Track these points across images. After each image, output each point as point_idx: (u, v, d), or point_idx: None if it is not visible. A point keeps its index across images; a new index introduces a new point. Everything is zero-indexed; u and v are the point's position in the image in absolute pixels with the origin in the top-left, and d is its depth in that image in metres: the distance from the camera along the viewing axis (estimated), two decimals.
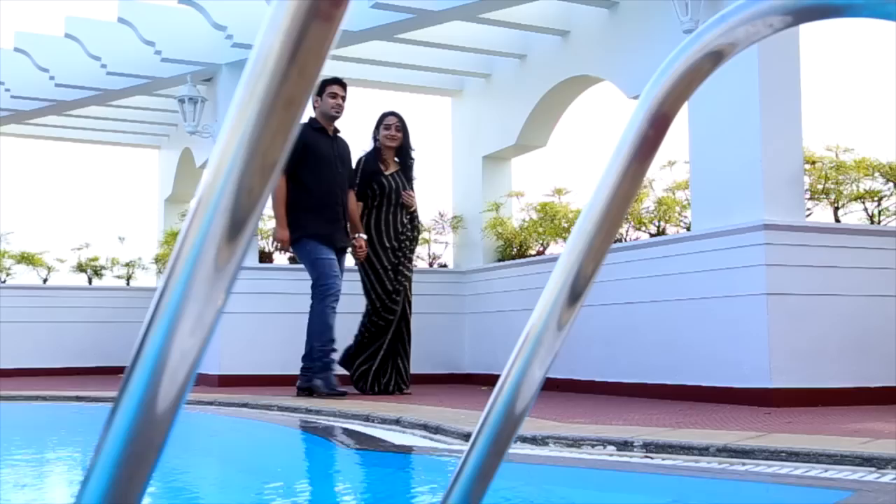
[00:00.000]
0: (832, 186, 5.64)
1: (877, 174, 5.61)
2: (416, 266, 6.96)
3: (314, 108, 6.27)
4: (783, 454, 2.66)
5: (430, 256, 8.62)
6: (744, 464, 2.68)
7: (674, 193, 6.40)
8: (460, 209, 8.64)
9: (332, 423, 4.11)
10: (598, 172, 1.04)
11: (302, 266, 8.04)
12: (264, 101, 0.57)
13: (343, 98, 6.28)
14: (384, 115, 6.64)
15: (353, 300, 6.66)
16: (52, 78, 8.49)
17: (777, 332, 5.00)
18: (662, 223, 6.49)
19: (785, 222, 5.13)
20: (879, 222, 5.71)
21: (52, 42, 8.36)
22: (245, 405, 5.23)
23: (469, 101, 8.68)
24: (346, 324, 6.44)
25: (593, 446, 3.00)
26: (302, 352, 7.69)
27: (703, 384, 5.36)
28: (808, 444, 2.72)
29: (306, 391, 5.86)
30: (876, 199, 5.68)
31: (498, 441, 1.09)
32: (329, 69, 8.24)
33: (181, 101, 7.91)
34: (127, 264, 10.89)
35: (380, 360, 6.36)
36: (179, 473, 2.95)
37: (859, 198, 5.68)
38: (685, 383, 5.51)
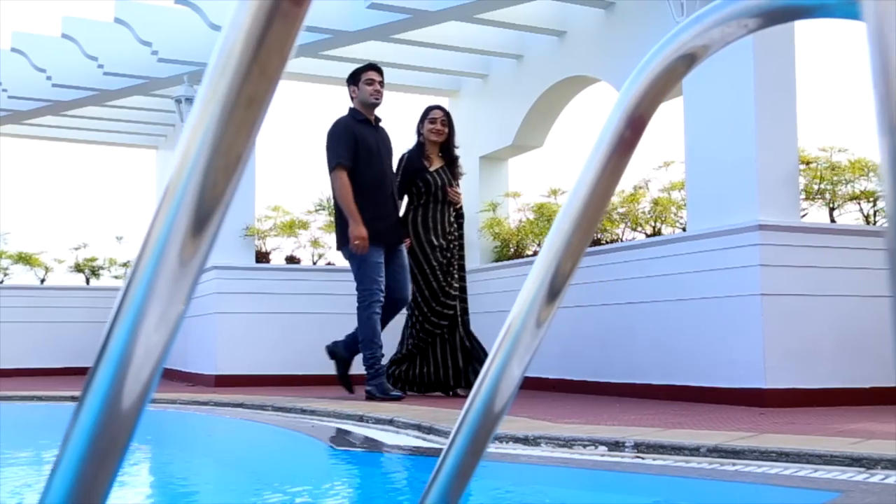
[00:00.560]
0: (827, 187, 5.65)
1: (871, 174, 5.61)
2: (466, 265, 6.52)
3: (352, 98, 6.00)
4: (773, 454, 2.67)
5: None
6: (734, 464, 2.68)
7: (669, 194, 6.40)
8: None
9: (325, 424, 4.11)
10: (577, 172, 1.05)
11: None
12: (226, 100, 0.58)
13: (381, 83, 5.99)
14: (429, 109, 6.39)
15: None
16: (48, 78, 8.49)
17: (772, 332, 5.00)
18: (659, 224, 6.50)
19: (780, 223, 5.13)
20: (875, 223, 5.72)
21: (49, 42, 8.37)
22: (240, 405, 5.23)
23: (466, 102, 8.68)
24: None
25: (585, 446, 3.00)
26: (298, 352, 7.75)
27: (698, 384, 5.37)
28: (799, 445, 2.72)
29: (370, 395, 5.65)
30: (871, 199, 5.68)
31: (476, 440, 1.10)
32: (326, 69, 8.25)
33: (178, 101, 7.91)
34: (124, 264, 10.89)
35: (433, 363, 6.10)
36: (167, 468, 2.95)
37: (855, 198, 5.68)
38: (680, 384, 5.52)
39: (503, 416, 1.08)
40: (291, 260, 8.14)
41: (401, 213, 6.17)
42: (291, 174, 12.12)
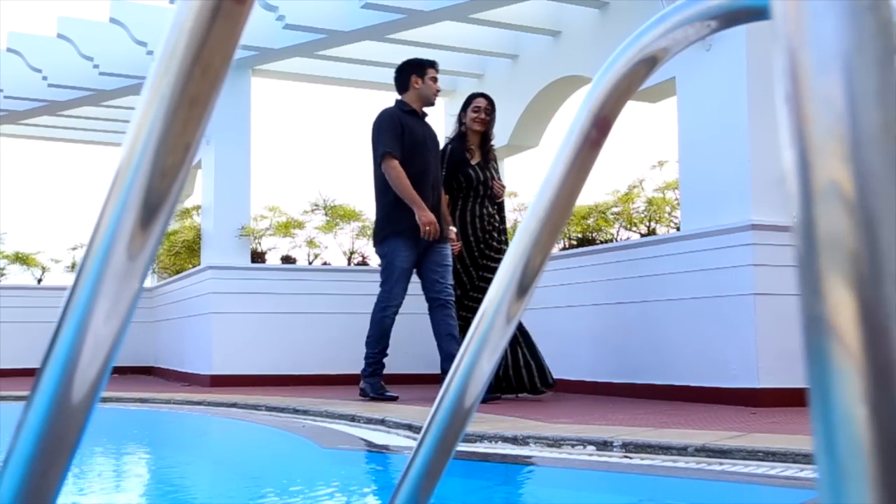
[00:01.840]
0: None
1: None
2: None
3: (413, 87, 5.70)
4: (760, 454, 2.67)
5: None
6: (721, 463, 2.68)
7: (664, 193, 6.40)
8: None
9: (317, 423, 4.12)
10: (545, 170, 1.06)
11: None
12: (169, 100, 0.58)
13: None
14: (473, 97, 6.11)
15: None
16: (44, 78, 8.50)
17: (765, 332, 5.01)
18: (653, 223, 6.50)
19: (773, 222, 5.13)
20: None
21: (45, 42, 8.37)
22: (234, 405, 5.23)
23: (461, 102, 8.67)
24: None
25: (573, 446, 3.01)
26: (295, 352, 7.76)
27: (692, 384, 5.37)
28: (786, 444, 2.73)
29: (363, 393, 5.61)
30: None
31: (446, 438, 1.09)
32: (322, 69, 8.26)
33: None
34: None
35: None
36: (151, 467, 2.96)
37: None
38: (673, 383, 5.52)
39: (473, 413, 1.08)
40: (287, 260, 8.15)
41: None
42: (287, 174, 12.12)
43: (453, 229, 5.78)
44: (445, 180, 5.86)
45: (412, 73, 5.75)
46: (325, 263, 8.24)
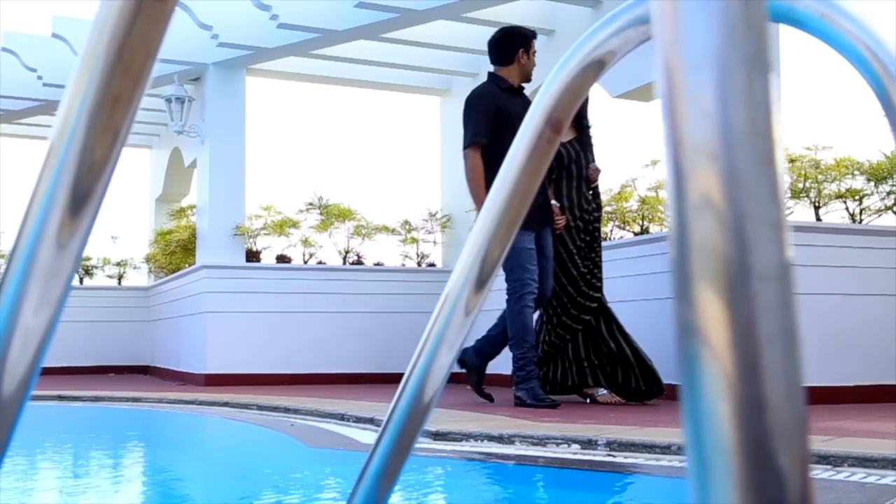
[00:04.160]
0: (812, 185, 5.65)
1: (856, 172, 5.61)
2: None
3: (519, 62, 5.22)
4: None
5: (418, 256, 8.63)
6: None
7: (657, 192, 6.41)
8: (449, 208, 8.65)
9: (306, 422, 4.12)
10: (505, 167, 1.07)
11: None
12: (93, 99, 0.58)
13: None
14: None
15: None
16: (39, 78, 8.50)
17: None
18: (646, 222, 6.50)
19: None
20: (861, 221, 5.72)
21: (40, 42, 8.37)
22: (226, 404, 5.23)
23: (457, 101, 8.66)
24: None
25: (558, 444, 3.01)
26: (289, 351, 7.76)
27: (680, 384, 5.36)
28: None
29: (519, 402, 4.91)
30: (857, 197, 5.69)
31: (404, 434, 1.09)
32: (316, 68, 8.26)
33: (168, 100, 7.92)
34: (118, 263, 10.91)
35: (573, 361, 5.22)
36: (137, 465, 2.96)
37: (840, 197, 5.69)
38: (667, 382, 5.52)
39: (433, 408, 1.08)
40: (282, 259, 8.15)
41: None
42: (282, 173, 12.12)
43: (557, 204, 5.26)
44: None
45: (520, 45, 5.22)
46: (319, 263, 8.25)
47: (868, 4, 0.91)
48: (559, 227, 5.19)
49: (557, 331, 5.21)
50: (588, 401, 5.26)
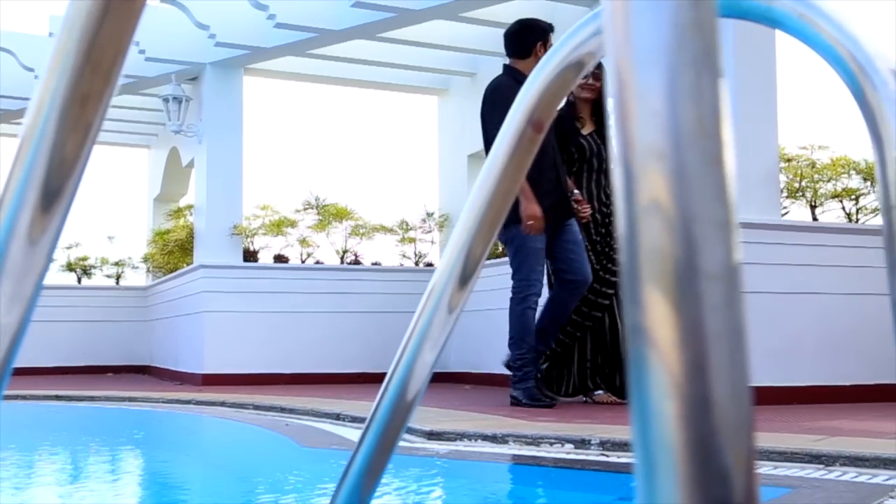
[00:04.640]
0: (808, 185, 5.65)
1: (852, 172, 5.62)
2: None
3: (537, 55, 5.09)
4: None
5: (416, 255, 8.63)
6: None
7: None
8: (447, 208, 8.65)
9: (301, 422, 4.12)
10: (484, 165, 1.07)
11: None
12: (62, 97, 0.58)
13: None
14: None
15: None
16: (37, 77, 8.49)
17: (753, 330, 5.00)
18: None
19: (760, 220, 5.13)
20: (857, 221, 5.72)
21: (37, 41, 8.37)
22: (222, 404, 5.24)
23: (454, 100, 8.68)
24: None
25: (552, 444, 3.02)
26: (287, 351, 7.76)
27: None
28: (761, 442, 2.73)
29: (515, 401, 4.85)
30: (853, 197, 5.69)
31: (387, 433, 1.09)
32: (313, 68, 8.26)
33: (165, 100, 7.92)
34: (116, 263, 10.91)
35: (577, 360, 5.16)
36: (128, 465, 2.96)
37: (837, 196, 5.69)
38: None
39: (416, 407, 1.08)
40: (279, 259, 8.15)
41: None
42: (279, 173, 12.12)
43: (577, 192, 5.13)
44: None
45: (538, 38, 5.13)
46: (317, 262, 8.25)
47: (847, 4, 0.91)
48: (585, 215, 5.05)
49: (567, 328, 5.10)
50: (586, 400, 5.25)
